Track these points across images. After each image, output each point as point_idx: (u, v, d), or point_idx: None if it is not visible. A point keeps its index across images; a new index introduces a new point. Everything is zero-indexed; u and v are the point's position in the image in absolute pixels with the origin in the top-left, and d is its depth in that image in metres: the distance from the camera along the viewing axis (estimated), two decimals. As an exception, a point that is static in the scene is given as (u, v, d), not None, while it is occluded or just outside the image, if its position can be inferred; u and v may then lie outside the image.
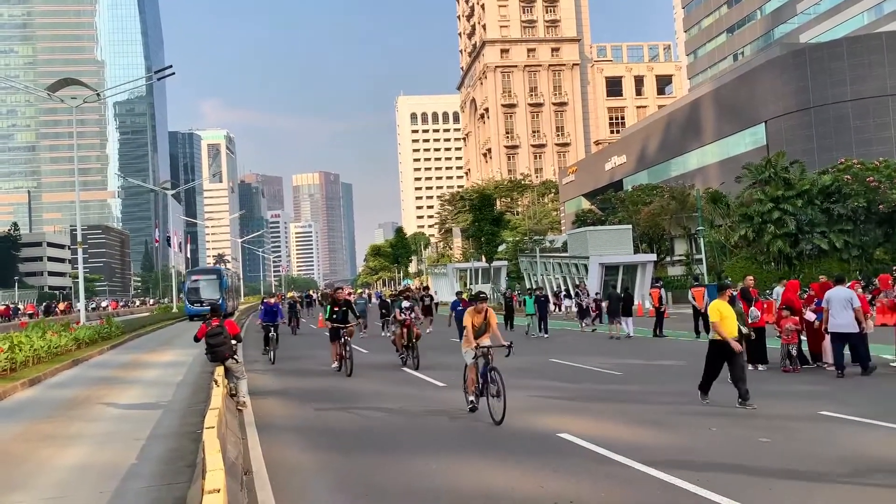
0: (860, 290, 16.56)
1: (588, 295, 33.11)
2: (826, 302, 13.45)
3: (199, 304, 45.71)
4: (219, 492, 4.25)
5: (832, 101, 50.68)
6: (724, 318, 10.59)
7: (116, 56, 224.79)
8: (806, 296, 15.43)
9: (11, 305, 72.13)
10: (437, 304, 36.12)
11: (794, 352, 14.14)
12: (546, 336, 25.17)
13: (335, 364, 16.82)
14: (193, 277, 49.77)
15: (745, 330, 12.21)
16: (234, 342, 12.29)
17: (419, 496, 6.69)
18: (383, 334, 27.08)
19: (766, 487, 6.44)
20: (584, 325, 28.29)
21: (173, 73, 37.27)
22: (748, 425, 9.15)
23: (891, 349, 14.39)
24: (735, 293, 12.84)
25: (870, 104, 49.57)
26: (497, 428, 9.58)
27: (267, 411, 11.79)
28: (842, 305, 13.08)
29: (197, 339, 12.34)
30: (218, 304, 39.18)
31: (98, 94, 37.78)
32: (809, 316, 14.40)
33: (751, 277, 16.95)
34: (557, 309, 41.19)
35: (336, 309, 16.69)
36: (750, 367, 14.55)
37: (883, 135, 49.07)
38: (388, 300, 28.01)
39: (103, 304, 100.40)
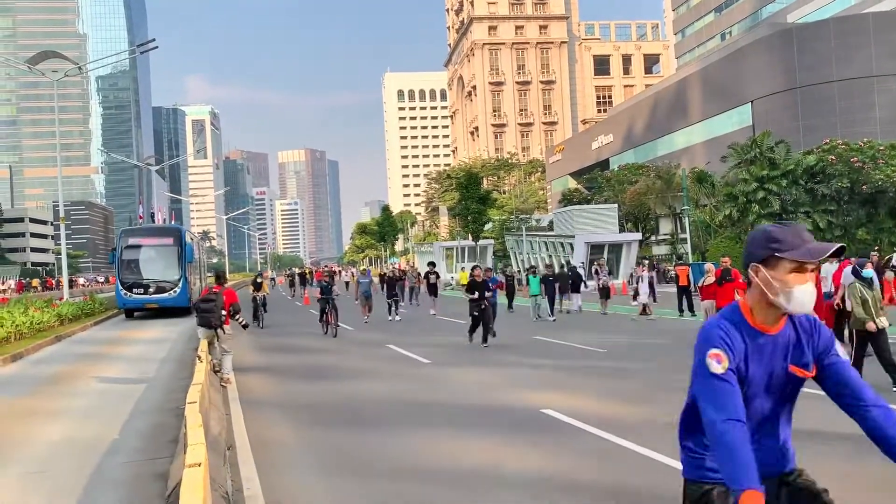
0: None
1: (608, 273, 28.88)
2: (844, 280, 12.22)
3: (140, 291, 27.17)
4: (200, 465, 4.24)
5: (818, 81, 50.78)
6: None
7: (98, 29, 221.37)
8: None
9: (24, 281, 73.17)
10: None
11: None
12: (553, 319, 21.86)
13: None
14: (132, 241, 28.78)
15: (882, 322, 9.28)
16: (235, 314, 12.17)
17: (402, 471, 6.72)
18: (389, 319, 23.96)
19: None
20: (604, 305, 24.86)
21: (156, 47, 36.72)
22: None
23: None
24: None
25: (855, 85, 49.72)
26: (481, 404, 9.64)
27: (252, 387, 11.78)
28: None
29: None
30: (178, 284, 27.65)
31: (80, 68, 37.24)
32: None
33: (726, 258, 17.02)
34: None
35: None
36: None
37: (868, 115, 49.29)
38: (393, 278, 27.16)
39: (100, 279, 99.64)
